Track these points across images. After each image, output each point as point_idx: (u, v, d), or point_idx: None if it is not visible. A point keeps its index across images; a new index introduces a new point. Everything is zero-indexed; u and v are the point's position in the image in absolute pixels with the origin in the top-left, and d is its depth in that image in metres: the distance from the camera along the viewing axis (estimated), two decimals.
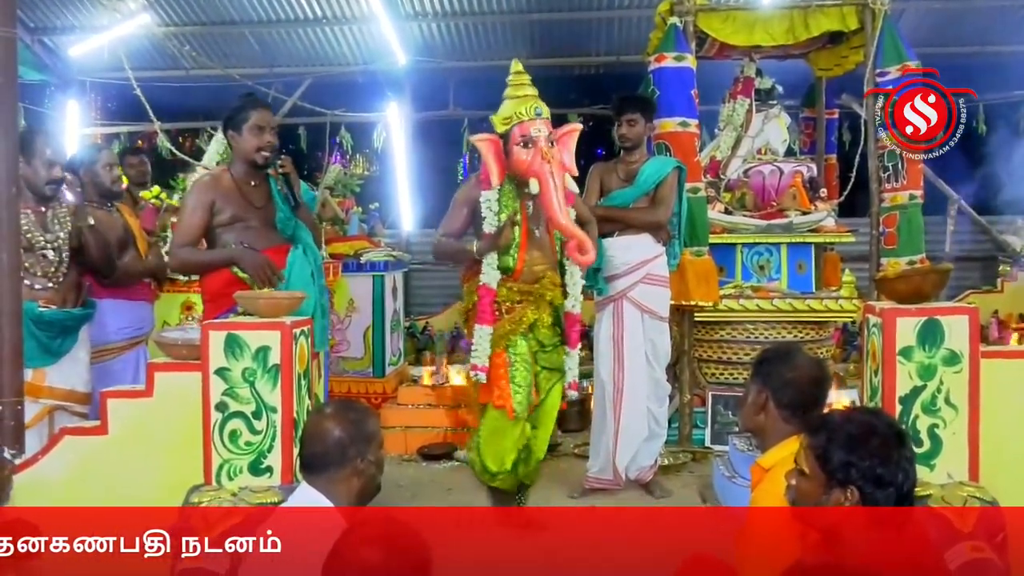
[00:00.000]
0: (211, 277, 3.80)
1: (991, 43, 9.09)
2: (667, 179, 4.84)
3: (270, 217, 3.87)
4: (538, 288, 4.15)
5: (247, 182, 3.87)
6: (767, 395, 2.67)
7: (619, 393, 4.76)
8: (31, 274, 3.73)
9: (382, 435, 2.57)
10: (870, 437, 2.08)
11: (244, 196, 3.84)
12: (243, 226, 3.82)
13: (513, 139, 4.01)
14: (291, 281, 3.70)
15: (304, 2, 8.95)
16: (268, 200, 3.89)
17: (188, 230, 3.81)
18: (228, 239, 3.80)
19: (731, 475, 4.55)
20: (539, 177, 3.94)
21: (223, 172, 3.95)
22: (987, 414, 3.18)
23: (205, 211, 3.79)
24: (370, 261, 6.65)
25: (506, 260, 4.11)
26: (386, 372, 6.70)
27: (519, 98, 4.07)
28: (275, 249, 3.81)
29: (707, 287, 5.41)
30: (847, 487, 2.06)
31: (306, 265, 3.81)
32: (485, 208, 4.06)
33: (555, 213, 3.96)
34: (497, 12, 9.15)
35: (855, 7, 5.71)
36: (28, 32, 9.12)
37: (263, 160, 3.83)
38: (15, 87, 3.29)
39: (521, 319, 4.10)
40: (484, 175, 4.11)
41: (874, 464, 2.05)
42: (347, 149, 10.00)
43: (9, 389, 3.23)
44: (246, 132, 3.82)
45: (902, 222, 5.59)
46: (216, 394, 3.12)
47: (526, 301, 4.13)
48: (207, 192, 3.83)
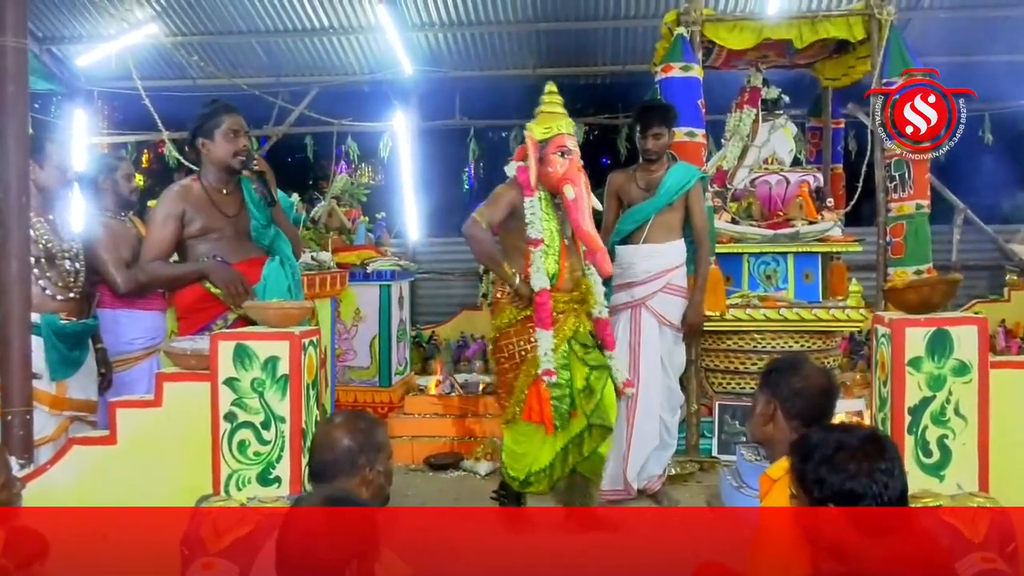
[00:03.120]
0: (183, 293, 3.71)
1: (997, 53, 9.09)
2: (694, 193, 4.89)
3: (244, 227, 3.77)
4: (578, 295, 4.29)
5: (219, 190, 3.78)
6: (776, 405, 2.67)
7: (633, 400, 4.75)
8: (52, 284, 3.69)
9: (391, 446, 2.57)
10: (837, 452, 2.07)
11: (216, 205, 3.74)
12: (216, 236, 3.72)
13: (551, 148, 4.17)
14: (266, 294, 3.59)
15: (311, 12, 8.99)
16: (241, 208, 3.79)
17: (158, 243, 3.70)
18: (201, 250, 3.70)
19: (739, 485, 4.54)
20: (575, 184, 4.11)
21: (193, 181, 3.83)
22: (996, 424, 3.17)
23: (175, 222, 3.69)
24: (376, 270, 6.65)
25: (553, 271, 4.18)
26: (392, 382, 6.70)
27: (557, 114, 4.27)
28: (249, 261, 3.72)
29: (714, 297, 5.41)
30: (824, 504, 2.06)
31: (282, 278, 3.68)
32: (530, 214, 4.16)
33: (583, 221, 4.11)
34: (503, 22, 9.18)
35: (862, 17, 5.72)
36: (36, 42, 9.16)
37: (240, 165, 3.73)
38: (26, 96, 3.29)
39: (564, 328, 4.19)
40: (525, 180, 4.21)
41: (842, 479, 2.04)
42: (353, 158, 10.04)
43: (19, 399, 3.23)
44: (219, 138, 3.73)
45: (909, 231, 5.58)
46: (225, 404, 3.11)
47: (568, 310, 4.23)
48: (177, 202, 3.72)
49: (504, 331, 4.25)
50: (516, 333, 4.22)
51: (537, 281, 4.12)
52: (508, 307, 4.24)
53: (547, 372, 4.07)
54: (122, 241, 4.27)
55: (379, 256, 6.84)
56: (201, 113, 3.79)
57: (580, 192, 4.12)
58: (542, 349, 4.09)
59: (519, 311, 4.19)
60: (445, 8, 8.93)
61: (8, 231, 3.20)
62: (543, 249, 4.15)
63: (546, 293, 4.11)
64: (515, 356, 4.22)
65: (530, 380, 4.12)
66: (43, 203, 3.74)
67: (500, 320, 4.28)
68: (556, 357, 4.11)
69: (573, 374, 4.16)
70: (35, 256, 3.56)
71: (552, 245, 4.19)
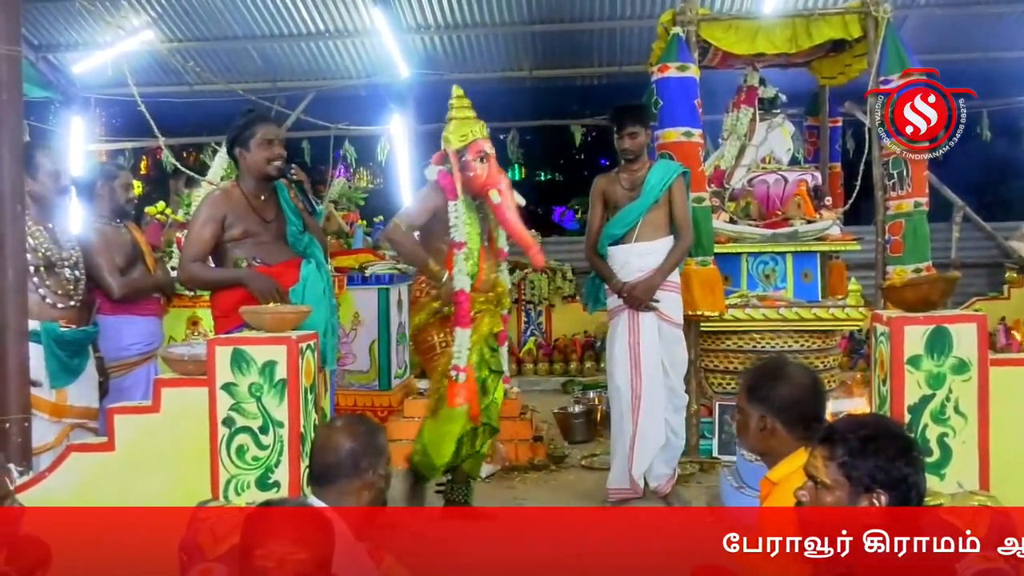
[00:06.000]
0: (224, 294, 3.80)
1: (994, 49, 9.09)
2: (676, 187, 4.87)
3: (281, 231, 3.89)
4: (493, 296, 4.46)
5: (257, 196, 3.89)
6: (770, 420, 2.61)
7: (637, 399, 4.75)
8: (52, 292, 3.70)
9: (390, 451, 2.57)
10: (889, 440, 2.06)
11: (255, 210, 3.86)
12: (254, 241, 3.83)
13: (470, 154, 4.29)
14: (304, 296, 3.71)
15: (307, 17, 8.99)
16: (278, 214, 3.92)
17: (198, 244, 3.81)
18: (239, 254, 3.80)
19: (739, 486, 4.53)
20: (498, 188, 4.27)
21: (233, 187, 3.96)
22: (996, 422, 3.16)
23: (216, 225, 3.80)
24: (375, 274, 6.65)
25: (473, 272, 4.32)
26: (392, 385, 6.69)
27: (469, 119, 4.39)
28: (286, 264, 3.82)
29: (713, 297, 5.41)
30: (874, 492, 2.04)
31: (319, 281, 3.81)
32: (454, 218, 4.28)
33: (513, 223, 4.34)
34: (498, 24, 9.18)
35: (857, 15, 5.71)
36: (32, 49, 9.16)
37: (276, 172, 3.86)
38: (20, 104, 3.29)
39: (481, 326, 4.36)
40: (448, 184, 4.30)
41: (900, 466, 2.03)
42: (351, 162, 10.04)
43: (16, 406, 3.22)
44: (255, 147, 3.83)
45: (908, 230, 5.56)
46: (223, 409, 3.10)
47: (485, 310, 4.39)
48: (219, 206, 3.84)
49: (422, 328, 4.46)
50: (433, 328, 4.41)
51: (459, 282, 4.25)
52: (427, 304, 4.42)
53: (455, 368, 4.23)
54: (117, 247, 4.27)
55: (377, 260, 6.83)
56: (237, 124, 3.92)
57: (505, 193, 4.28)
58: (457, 346, 4.25)
59: (434, 309, 4.37)
60: (440, 11, 8.93)
61: (3, 240, 3.19)
62: (465, 252, 4.28)
63: (464, 294, 4.25)
64: (435, 347, 4.41)
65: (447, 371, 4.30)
66: (40, 212, 3.75)
67: (419, 318, 4.48)
68: (473, 354, 4.30)
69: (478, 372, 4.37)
70: (34, 265, 3.58)
71: (473, 248, 4.32)
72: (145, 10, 8.69)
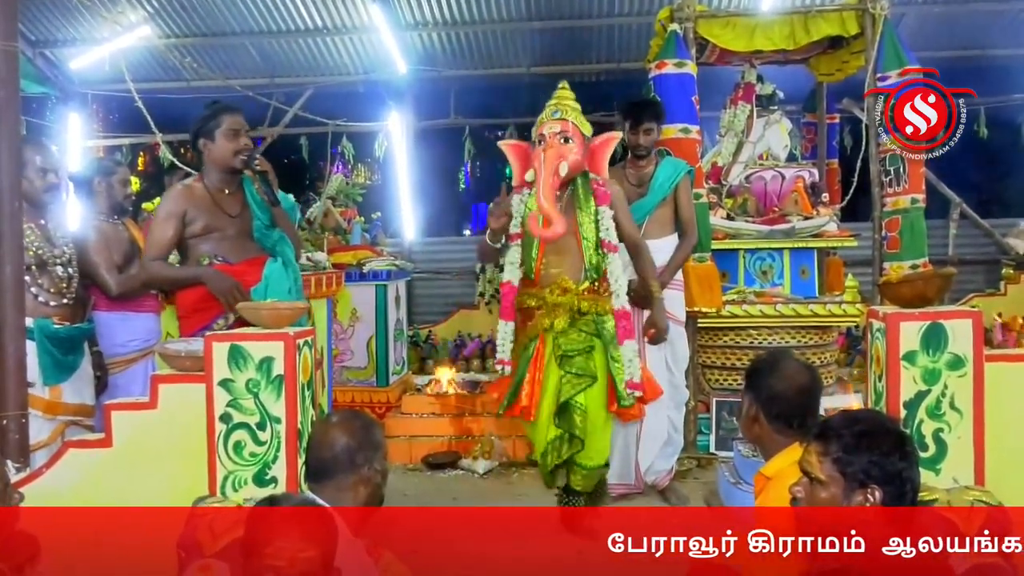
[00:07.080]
0: (185, 293, 3.73)
1: (992, 46, 9.07)
2: (682, 186, 4.88)
3: (246, 227, 3.80)
4: (557, 290, 4.12)
5: (221, 190, 3.81)
6: (757, 408, 2.66)
7: None
8: (44, 290, 3.70)
9: (387, 446, 2.58)
10: (883, 436, 2.07)
11: (218, 205, 3.78)
12: (218, 236, 3.75)
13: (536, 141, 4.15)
14: (267, 296, 3.60)
15: (304, 12, 8.97)
16: (243, 208, 3.82)
17: (160, 242, 3.74)
18: (203, 250, 3.73)
19: (736, 481, 4.54)
20: (534, 166, 4.07)
21: (196, 181, 3.87)
22: (992, 418, 3.17)
23: (177, 221, 3.72)
24: (373, 270, 6.65)
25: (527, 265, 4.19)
26: (390, 381, 6.70)
27: (546, 107, 4.22)
28: (250, 262, 3.73)
29: (710, 293, 5.42)
30: (868, 488, 2.05)
31: (284, 279, 3.70)
32: (515, 210, 4.18)
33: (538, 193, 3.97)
34: (497, 20, 9.16)
35: (855, 12, 5.72)
36: (30, 45, 9.13)
37: (242, 164, 3.76)
38: (17, 100, 3.28)
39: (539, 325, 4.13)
40: None
41: (894, 461, 2.04)
42: (349, 159, 10.01)
43: (14, 402, 3.22)
44: (220, 138, 3.76)
45: (904, 226, 5.58)
46: (220, 405, 3.11)
47: (547, 308, 4.14)
48: (179, 201, 3.75)
49: None
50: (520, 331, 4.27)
51: (507, 273, 4.19)
52: None
53: (499, 361, 4.18)
54: (114, 244, 4.27)
55: (375, 256, 6.84)
56: (201, 115, 3.82)
57: (539, 170, 4.02)
58: (500, 338, 4.19)
59: None
60: (438, 7, 8.91)
61: (1, 236, 3.19)
62: (519, 243, 4.18)
63: (509, 285, 4.17)
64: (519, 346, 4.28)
65: None
66: (29, 209, 3.72)
67: None
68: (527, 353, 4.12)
69: (547, 375, 4.11)
70: (26, 263, 3.56)
71: (530, 240, 4.15)
72: (142, 6, 8.66)
